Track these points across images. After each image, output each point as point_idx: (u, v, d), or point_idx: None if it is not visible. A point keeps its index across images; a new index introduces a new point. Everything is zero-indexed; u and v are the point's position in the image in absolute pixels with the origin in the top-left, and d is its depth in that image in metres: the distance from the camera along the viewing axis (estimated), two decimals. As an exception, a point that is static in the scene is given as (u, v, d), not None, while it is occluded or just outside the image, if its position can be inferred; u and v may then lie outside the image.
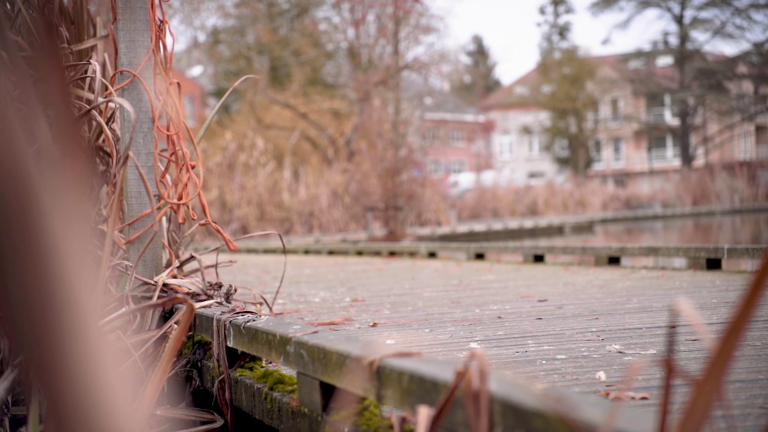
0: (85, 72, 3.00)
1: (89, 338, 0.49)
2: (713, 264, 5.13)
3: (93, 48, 3.23)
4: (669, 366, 0.84)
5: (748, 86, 48.14)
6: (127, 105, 1.82)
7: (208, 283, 3.05)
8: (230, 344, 2.42)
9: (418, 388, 1.36)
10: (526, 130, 55.85)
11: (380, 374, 1.48)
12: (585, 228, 25.04)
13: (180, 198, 3.12)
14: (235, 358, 2.50)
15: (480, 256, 7.95)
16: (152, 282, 2.92)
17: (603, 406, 1.02)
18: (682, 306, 0.82)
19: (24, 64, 0.62)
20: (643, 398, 1.65)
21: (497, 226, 23.19)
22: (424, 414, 1.27)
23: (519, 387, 1.15)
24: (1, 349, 2.30)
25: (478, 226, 22.72)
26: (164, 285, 2.93)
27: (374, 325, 3.13)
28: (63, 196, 0.50)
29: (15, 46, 0.55)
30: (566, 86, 51.16)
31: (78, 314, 0.49)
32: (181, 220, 3.16)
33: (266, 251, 12.85)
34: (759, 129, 53.17)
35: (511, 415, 1.11)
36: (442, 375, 1.30)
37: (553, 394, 1.06)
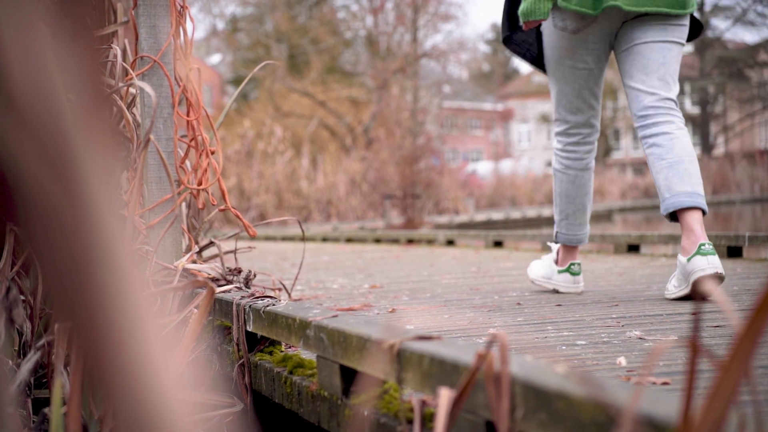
0: (106, 57, 3.01)
1: (131, 301, 0.49)
2: (734, 252, 5.09)
3: (113, 34, 3.24)
4: (694, 346, 0.84)
5: (769, 74, 47.71)
6: (148, 88, 1.82)
7: (228, 268, 3.06)
8: (250, 328, 2.43)
9: (439, 371, 1.35)
10: (545, 119, 55.58)
11: (400, 357, 1.48)
12: (603, 216, 24.95)
13: (200, 183, 3.13)
14: (254, 342, 2.51)
15: (498, 244, 7.93)
16: (172, 267, 2.93)
17: (626, 388, 1.02)
18: (707, 285, 0.82)
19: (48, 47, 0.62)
20: (665, 383, 1.64)
21: (515, 214, 23.15)
22: (444, 396, 1.27)
23: (541, 369, 1.15)
24: (23, 332, 2.32)
25: (496, 215, 22.69)
26: (184, 270, 2.94)
27: (393, 311, 3.14)
28: (97, 162, 0.50)
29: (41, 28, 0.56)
30: (585, 74, 50.82)
31: (119, 275, 0.49)
32: (200, 206, 3.17)
33: (284, 238, 12.88)
34: (780, 117, 52.70)
35: (533, 397, 1.11)
36: (463, 358, 1.30)
37: (576, 375, 1.06)
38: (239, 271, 3.03)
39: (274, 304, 2.29)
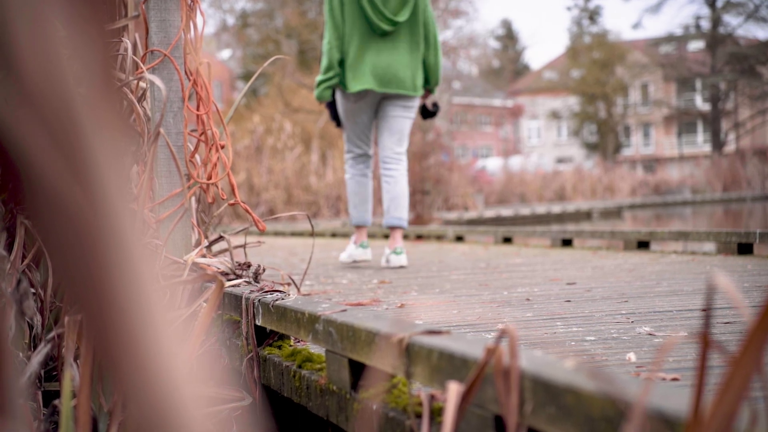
0: (117, 51, 3.01)
1: (141, 294, 0.49)
2: (744, 249, 5.07)
3: (124, 28, 3.25)
4: (705, 341, 0.83)
5: (781, 71, 47.48)
6: (158, 82, 1.83)
7: (237, 263, 3.06)
8: (259, 323, 2.43)
9: (448, 365, 1.35)
10: (555, 115, 55.50)
11: (409, 352, 1.48)
12: (613, 213, 24.89)
13: (209, 178, 3.14)
14: (263, 336, 2.51)
15: (507, 240, 7.92)
16: (182, 261, 2.94)
17: (636, 383, 1.01)
18: (718, 280, 0.81)
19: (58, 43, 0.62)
20: (674, 379, 1.64)
21: (525, 211, 23.11)
22: (453, 390, 1.27)
23: (550, 363, 1.15)
24: (34, 325, 2.33)
25: (506, 211, 22.65)
26: (193, 264, 2.95)
27: (402, 306, 3.14)
28: (107, 154, 0.51)
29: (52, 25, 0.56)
30: (596, 71, 50.77)
31: (129, 268, 0.49)
32: (210, 200, 3.17)
33: (293, 234, 12.90)
34: (792, 115, 52.43)
35: (542, 391, 1.11)
36: (472, 352, 1.30)
37: (585, 370, 1.06)
38: (248, 266, 3.03)
39: (283, 299, 2.30)
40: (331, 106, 5.39)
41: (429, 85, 5.34)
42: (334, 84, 5.14)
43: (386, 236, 9.32)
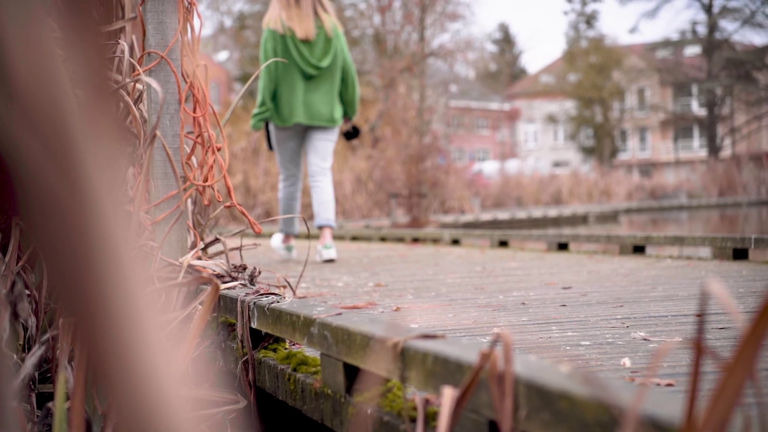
0: (113, 53, 3.01)
1: (135, 297, 0.49)
2: (740, 254, 5.08)
3: (121, 30, 3.25)
4: (699, 347, 0.83)
5: (777, 77, 47.58)
6: (155, 84, 1.82)
7: (233, 265, 3.06)
8: (254, 325, 2.43)
9: (442, 370, 1.35)
10: (552, 119, 55.55)
11: (404, 356, 1.48)
12: (609, 217, 24.92)
13: (206, 180, 3.13)
14: (258, 339, 2.51)
15: (503, 244, 7.92)
16: (177, 263, 2.94)
17: (630, 388, 1.01)
18: (712, 286, 0.82)
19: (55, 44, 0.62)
20: (669, 384, 1.64)
21: (521, 214, 23.13)
22: (448, 395, 1.27)
23: (544, 369, 1.15)
24: (28, 327, 2.32)
25: (502, 215, 22.66)
26: (189, 266, 2.94)
27: (397, 309, 3.13)
28: (101, 157, 0.50)
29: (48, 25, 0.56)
30: (592, 75, 50.83)
31: (123, 270, 0.49)
32: (206, 202, 3.17)
33: (290, 236, 12.87)
34: (788, 120, 52.50)
35: (536, 397, 1.11)
36: (467, 356, 1.30)
37: (579, 375, 1.06)
38: (244, 268, 3.03)
39: (278, 302, 2.30)
40: (268, 137, 6.58)
41: (347, 115, 6.61)
42: (266, 117, 6.34)
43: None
